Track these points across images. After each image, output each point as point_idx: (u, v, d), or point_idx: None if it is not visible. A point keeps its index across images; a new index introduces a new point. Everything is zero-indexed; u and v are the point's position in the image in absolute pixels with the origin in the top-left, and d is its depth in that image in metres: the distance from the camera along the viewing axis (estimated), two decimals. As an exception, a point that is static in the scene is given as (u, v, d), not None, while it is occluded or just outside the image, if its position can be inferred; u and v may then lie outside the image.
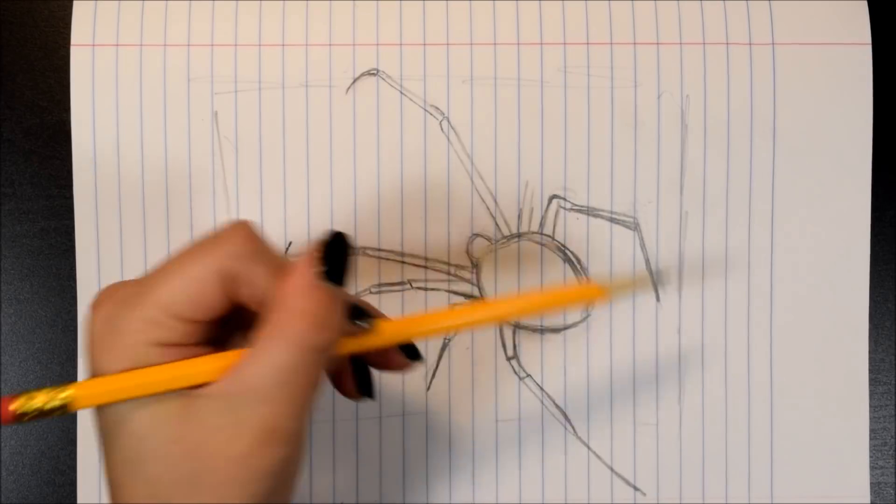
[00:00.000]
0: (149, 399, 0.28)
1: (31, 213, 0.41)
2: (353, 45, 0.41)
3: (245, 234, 0.29)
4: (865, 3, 0.41)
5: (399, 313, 0.41)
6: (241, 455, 0.28)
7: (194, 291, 0.28)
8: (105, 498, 0.40)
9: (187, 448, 0.28)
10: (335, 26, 0.41)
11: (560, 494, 0.41)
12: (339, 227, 0.40)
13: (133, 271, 0.40)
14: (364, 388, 0.33)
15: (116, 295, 0.29)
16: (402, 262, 0.41)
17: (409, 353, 0.33)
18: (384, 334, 0.31)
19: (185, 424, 0.28)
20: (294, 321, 0.28)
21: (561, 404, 0.41)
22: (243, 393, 0.28)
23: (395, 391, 0.41)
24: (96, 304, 0.29)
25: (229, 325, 0.31)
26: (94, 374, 0.28)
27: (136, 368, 0.28)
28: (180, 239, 0.41)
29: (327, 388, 0.41)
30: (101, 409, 0.28)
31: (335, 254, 0.30)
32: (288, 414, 0.28)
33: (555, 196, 0.41)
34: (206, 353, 0.29)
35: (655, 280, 0.41)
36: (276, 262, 0.29)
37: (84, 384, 0.28)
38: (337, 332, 0.29)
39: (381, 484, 0.41)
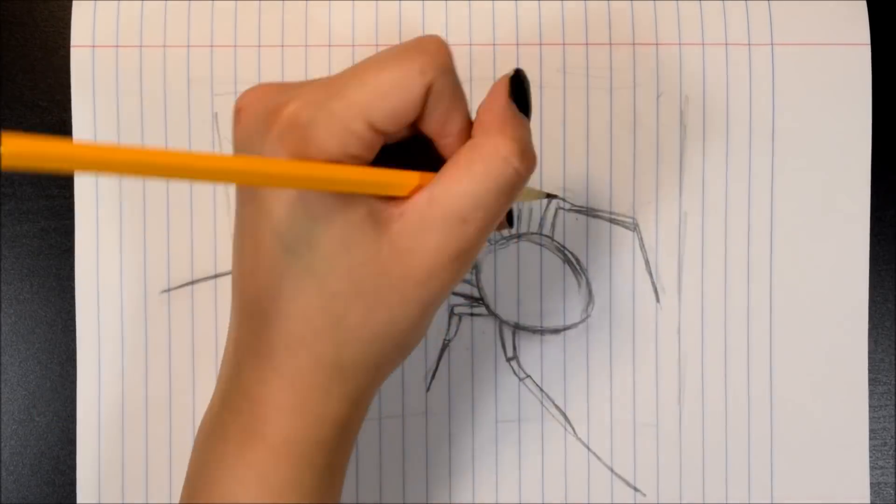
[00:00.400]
0: (340, 217, 0.27)
1: (31, 213, 0.41)
2: (353, 45, 0.41)
3: (446, 50, 0.28)
4: (864, 3, 0.41)
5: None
6: (425, 278, 0.28)
7: (398, 99, 0.27)
8: (105, 498, 0.40)
9: (375, 270, 0.28)
10: (334, 27, 0.41)
11: (560, 495, 0.41)
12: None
13: (132, 272, 0.41)
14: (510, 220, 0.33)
15: (301, 97, 0.27)
16: (402, 263, 0.41)
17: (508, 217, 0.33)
18: None
19: (376, 245, 0.28)
20: (504, 145, 0.28)
21: (561, 405, 0.41)
22: (440, 214, 0.28)
23: (394, 391, 0.41)
24: (274, 108, 0.28)
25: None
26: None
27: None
28: (180, 239, 0.41)
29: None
30: (292, 219, 0.28)
31: (521, 89, 0.30)
32: (477, 239, 0.28)
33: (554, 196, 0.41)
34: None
35: (653, 277, 0.41)
36: (461, 89, 0.29)
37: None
38: (534, 164, 0.29)
39: (381, 484, 0.41)
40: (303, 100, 0.27)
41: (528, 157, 0.29)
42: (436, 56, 0.28)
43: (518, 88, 0.30)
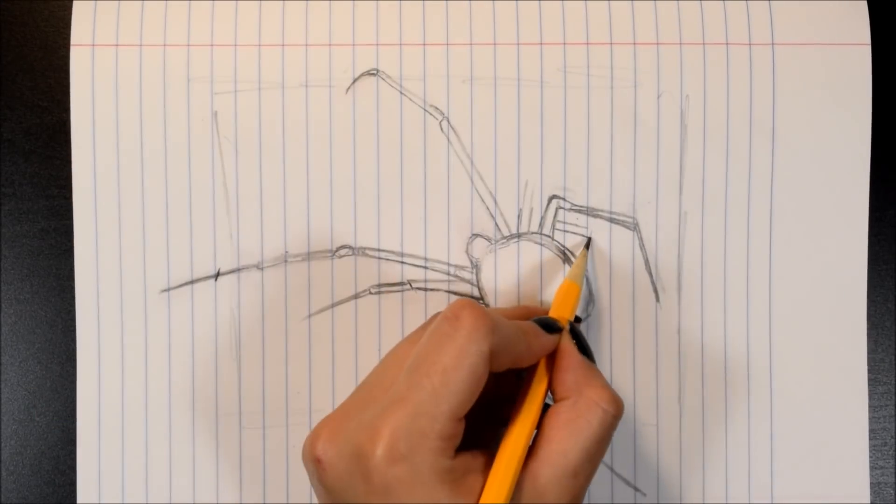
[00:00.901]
0: None
1: (31, 213, 0.41)
2: (353, 45, 0.41)
3: (483, 316, 0.31)
4: (865, 3, 0.41)
5: (399, 314, 0.41)
6: None
7: (472, 389, 0.30)
8: (105, 498, 0.40)
9: None
10: (335, 26, 0.41)
11: (560, 494, 0.41)
12: (338, 227, 0.40)
13: (131, 271, 0.40)
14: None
15: (398, 431, 0.29)
16: (402, 263, 0.41)
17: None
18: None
19: None
20: (596, 396, 0.32)
21: (561, 404, 0.41)
22: (552, 476, 0.31)
23: (394, 391, 0.41)
24: (358, 452, 0.30)
25: None
26: None
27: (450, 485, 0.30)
28: (179, 239, 0.41)
29: (329, 389, 0.41)
30: None
31: (581, 341, 0.35)
32: (586, 487, 0.32)
33: (554, 196, 0.41)
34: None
35: (653, 277, 0.41)
36: (512, 324, 0.33)
37: None
38: (623, 404, 0.33)
39: (381, 484, 0.41)
40: (387, 432, 0.29)
41: (618, 400, 0.32)
42: (477, 328, 0.31)
43: (580, 342, 0.34)
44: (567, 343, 0.34)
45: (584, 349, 0.34)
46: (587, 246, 0.40)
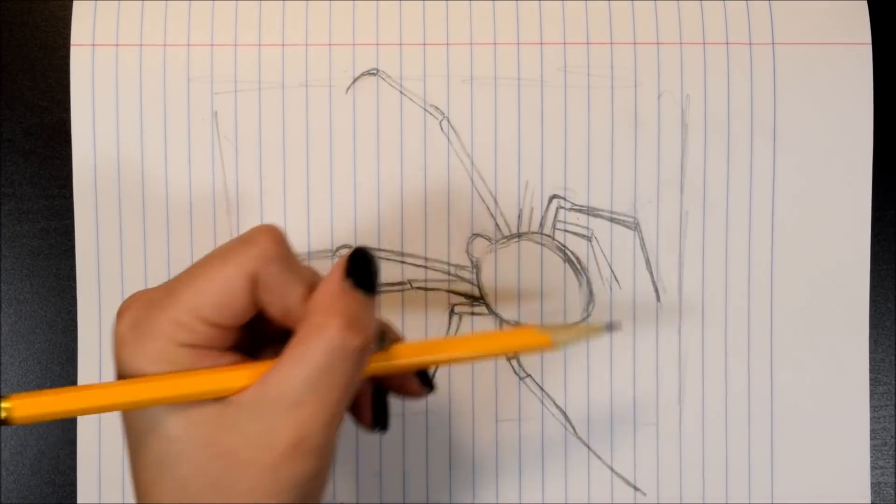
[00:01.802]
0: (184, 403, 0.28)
1: (31, 213, 0.41)
2: (353, 44, 0.41)
3: (274, 238, 0.29)
4: (865, 3, 0.41)
5: (399, 313, 0.41)
6: (271, 464, 0.27)
7: (222, 296, 0.28)
8: (105, 498, 0.40)
9: (218, 452, 0.27)
10: (335, 26, 0.41)
11: (560, 494, 0.41)
12: (338, 227, 0.40)
13: (132, 272, 0.40)
14: (380, 419, 0.33)
15: (143, 298, 0.29)
16: (402, 262, 0.41)
17: (423, 379, 0.33)
18: (402, 358, 0.31)
19: (218, 430, 0.28)
20: (327, 322, 0.28)
21: (561, 404, 0.41)
22: (274, 399, 0.28)
23: (395, 391, 0.41)
24: (123, 309, 0.29)
25: (257, 337, 0.31)
26: (121, 375, 0.28)
27: (164, 371, 0.28)
28: (180, 239, 0.41)
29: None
30: (134, 412, 0.28)
31: (363, 266, 0.30)
32: (319, 421, 0.28)
33: (555, 196, 0.41)
34: (234, 359, 0.29)
35: (654, 276, 0.41)
36: (303, 271, 0.30)
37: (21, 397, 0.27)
38: (370, 336, 0.29)
39: (381, 484, 0.41)
40: (140, 303, 0.28)
41: (356, 330, 0.28)
42: (262, 248, 0.28)
43: (359, 265, 0.30)
44: (336, 268, 0.29)
45: (361, 272, 0.29)
46: (609, 328, 0.34)
